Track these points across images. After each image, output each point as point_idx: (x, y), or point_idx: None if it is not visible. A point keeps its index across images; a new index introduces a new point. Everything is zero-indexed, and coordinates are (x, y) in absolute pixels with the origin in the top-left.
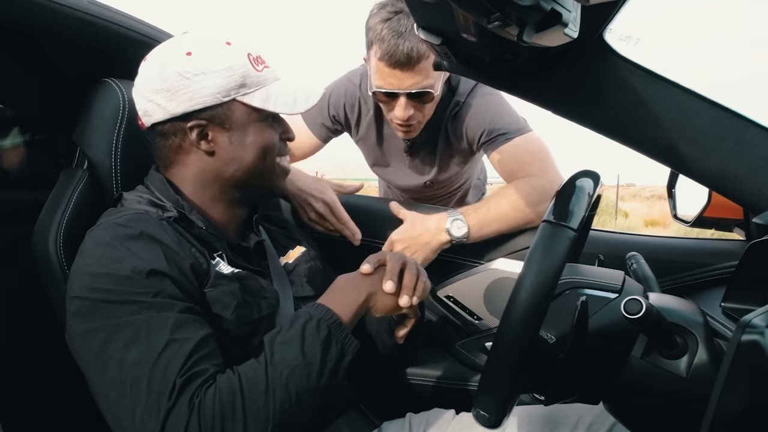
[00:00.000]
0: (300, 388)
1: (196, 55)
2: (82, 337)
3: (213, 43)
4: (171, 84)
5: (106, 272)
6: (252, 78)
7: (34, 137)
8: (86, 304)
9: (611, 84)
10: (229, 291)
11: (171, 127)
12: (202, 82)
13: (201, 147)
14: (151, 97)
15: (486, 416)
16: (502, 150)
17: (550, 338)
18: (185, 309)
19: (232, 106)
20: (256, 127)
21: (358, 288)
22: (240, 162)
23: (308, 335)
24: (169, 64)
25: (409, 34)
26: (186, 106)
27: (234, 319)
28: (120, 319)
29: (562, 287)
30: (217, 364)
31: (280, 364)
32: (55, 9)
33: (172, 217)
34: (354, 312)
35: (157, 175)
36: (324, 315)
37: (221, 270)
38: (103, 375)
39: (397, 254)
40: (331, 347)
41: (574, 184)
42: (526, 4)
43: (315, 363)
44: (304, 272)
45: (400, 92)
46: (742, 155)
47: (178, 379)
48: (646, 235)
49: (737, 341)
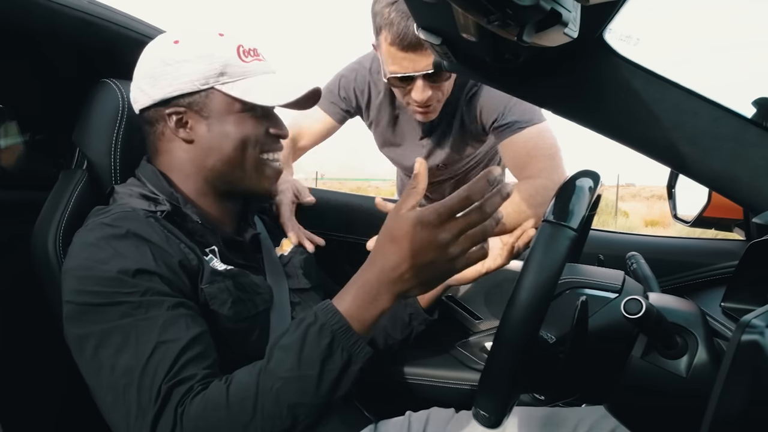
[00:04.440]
0: (293, 402)
1: (183, 44)
2: (77, 341)
3: (203, 34)
4: (154, 70)
5: (91, 274)
6: (235, 68)
7: (34, 137)
8: (76, 309)
9: (611, 84)
10: (225, 288)
11: (154, 113)
12: (183, 68)
13: (179, 135)
14: (138, 83)
15: (486, 416)
16: (513, 140)
17: (550, 338)
18: (175, 305)
19: (211, 94)
20: (237, 117)
21: (385, 286)
22: (219, 152)
23: (308, 342)
24: (156, 52)
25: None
26: (166, 92)
27: (231, 315)
28: (110, 324)
29: (562, 287)
30: (207, 366)
31: (272, 374)
32: (55, 9)
33: (165, 212)
34: (374, 316)
35: (149, 167)
36: (330, 318)
37: (215, 266)
38: (99, 380)
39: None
40: (334, 355)
41: (574, 184)
42: (526, 4)
43: (311, 376)
44: (299, 264)
45: (416, 75)
46: (742, 155)
47: (163, 384)
48: (646, 235)
49: (737, 341)
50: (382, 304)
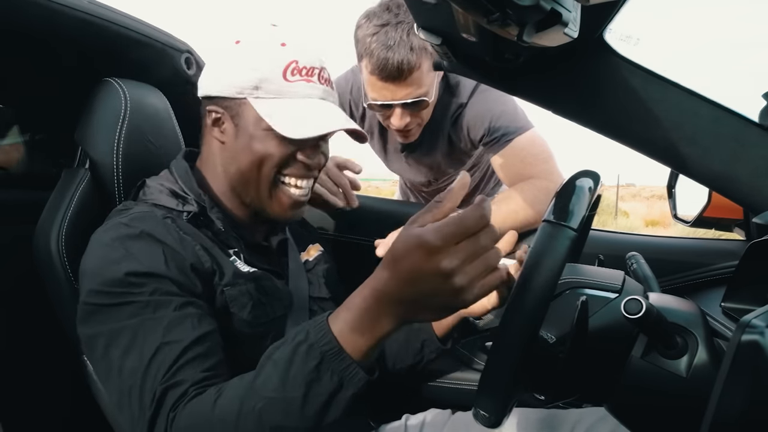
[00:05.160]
0: (276, 424)
1: (241, 45)
2: (88, 341)
3: (265, 40)
4: (212, 65)
5: (103, 274)
6: (272, 85)
7: (36, 137)
8: (88, 309)
9: (611, 84)
10: (246, 290)
11: (205, 104)
12: (230, 71)
13: (214, 134)
14: (205, 70)
15: (486, 416)
16: (504, 153)
17: (550, 338)
18: (183, 304)
19: (244, 104)
20: (263, 134)
21: (385, 309)
22: (238, 162)
23: (296, 361)
24: (220, 48)
25: (398, 46)
26: (212, 89)
27: (250, 319)
28: (119, 324)
29: (562, 287)
30: (208, 368)
31: (257, 393)
32: (55, 9)
33: (191, 213)
34: (373, 340)
35: (183, 163)
36: (320, 338)
37: (240, 268)
38: (108, 380)
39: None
40: (323, 379)
41: (574, 184)
42: (526, 4)
43: (296, 398)
44: (322, 273)
45: (395, 103)
46: (742, 155)
47: (158, 386)
48: (646, 235)
49: (737, 341)
50: (382, 328)
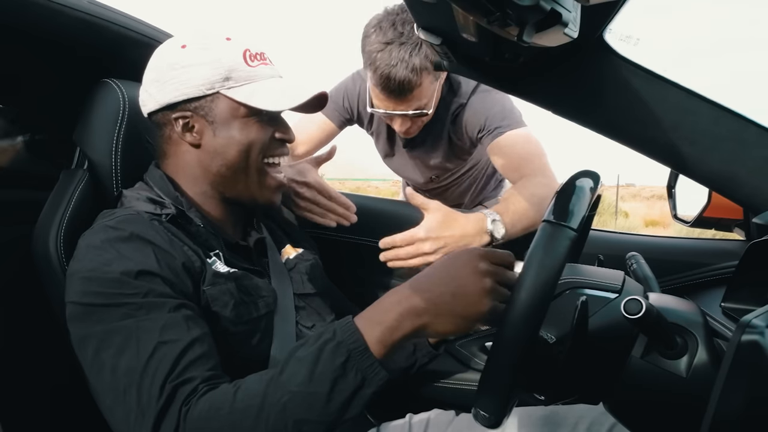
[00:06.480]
0: (299, 417)
1: (190, 48)
2: (79, 342)
3: (210, 38)
4: (162, 74)
5: (95, 276)
6: (240, 72)
7: (34, 137)
8: (79, 309)
9: (611, 84)
10: (227, 290)
11: (162, 117)
12: (189, 73)
13: (186, 139)
14: (146, 87)
15: (486, 416)
16: (500, 143)
17: (550, 338)
18: (177, 306)
19: (217, 99)
20: (242, 122)
21: (415, 311)
22: (223, 157)
23: (323, 358)
24: (164, 56)
25: (400, 66)
26: (172, 96)
27: (233, 317)
28: (111, 324)
29: (562, 287)
30: (211, 368)
31: (283, 386)
32: (55, 9)
33: (170, 215)
34: (395, 339)
35: (157, 171)
36: (348, 337)
37: (218, 269)
38: (100, 380)
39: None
40: (348, 375)
41: (574, 184)
42: (526, 4)
43: (321, 393)
44: (305, 269)
45: (396, 113)
46: (742, 155)
47: (167, 384)
48: (646, 235)
49: (737, 341)
50: (404, 329)
